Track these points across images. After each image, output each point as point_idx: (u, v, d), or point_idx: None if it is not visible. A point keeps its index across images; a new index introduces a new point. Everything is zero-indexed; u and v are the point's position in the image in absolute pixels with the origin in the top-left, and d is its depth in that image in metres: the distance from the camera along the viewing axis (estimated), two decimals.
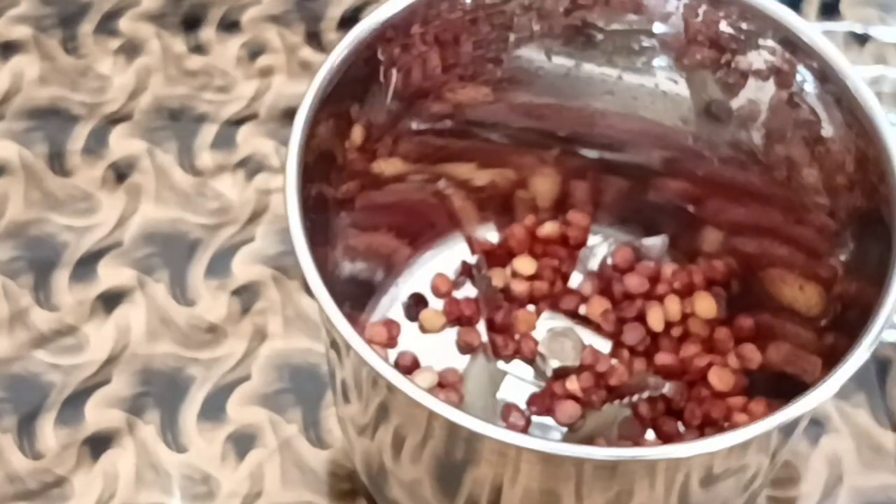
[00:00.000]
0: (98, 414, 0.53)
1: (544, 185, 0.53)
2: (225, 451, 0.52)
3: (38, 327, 0.55)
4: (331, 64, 0.43)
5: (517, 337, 0.51)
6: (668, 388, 0.50)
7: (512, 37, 0.48)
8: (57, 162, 0.60)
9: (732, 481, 0.41)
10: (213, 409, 0.53)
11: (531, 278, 0.53)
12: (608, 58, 0.49)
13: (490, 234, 0.54)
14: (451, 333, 0.52)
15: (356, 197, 0.48)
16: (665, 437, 0.49)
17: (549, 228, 0.54)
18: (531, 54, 0.49)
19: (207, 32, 0.64)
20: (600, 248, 0.53)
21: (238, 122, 0.61)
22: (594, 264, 0.53)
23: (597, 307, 0.51)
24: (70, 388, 0.53)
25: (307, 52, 0.63)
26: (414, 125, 0.49)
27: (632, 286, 0.52)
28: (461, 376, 0.51)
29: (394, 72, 0.46)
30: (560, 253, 0.53)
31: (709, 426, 0.49)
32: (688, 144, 0.50)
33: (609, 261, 0.53)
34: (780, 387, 0.46)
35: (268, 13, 0.65)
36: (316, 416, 0.53)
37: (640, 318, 0.51)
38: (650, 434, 0.50)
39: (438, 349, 0.52)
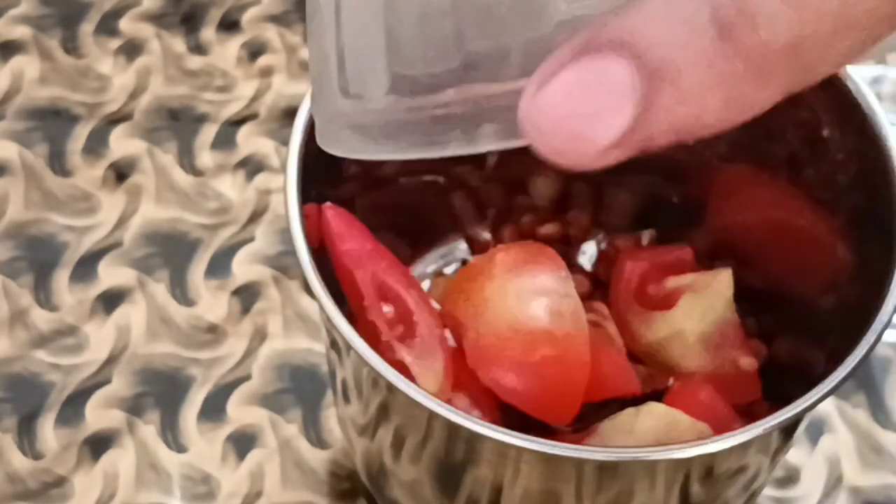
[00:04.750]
0: (98, 414, 0.53)
1: (544, 185, 0.53)
2: (225, 451, 0.52)
3: (38, 327, 0.55)
4: None
5: None
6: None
7: None
8: (57, 162, 0.60)
9: (732, 481, 0.41)
10: (213, 409, 0.53)
11: None
12: None
13: (490, 235, 0.54)
14: None
15: (356, 197, 0.48)
16: None
17: (549, 228, 0.54)
18: None
19: (207, 32, 0.64)
20: (599, 247, 0.53)
21: (238, 122, 0.61)
22: (593, 264, 0.53)
23: (596, 307, 0.51)
24: (70, 388, 0.53)
25: (307, 53, 0.63)
26: None
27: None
28: None
29: None
30: (560, 253, 0.53)
31: None
32: (688, 144, 0.50)
33: (608, 260, 0.53)
34: (780, 387, 0.45)
35: (268, 13, 0.65)
36: (316, 416, 0.53)
37: None
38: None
39: None
